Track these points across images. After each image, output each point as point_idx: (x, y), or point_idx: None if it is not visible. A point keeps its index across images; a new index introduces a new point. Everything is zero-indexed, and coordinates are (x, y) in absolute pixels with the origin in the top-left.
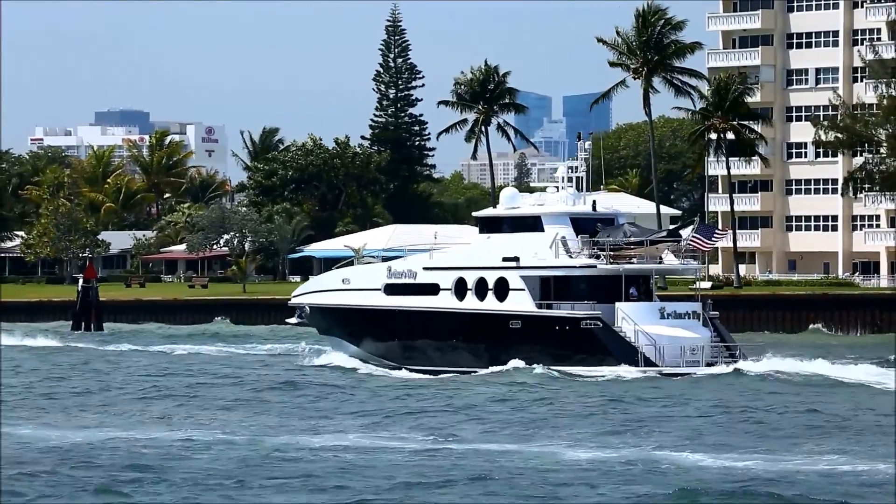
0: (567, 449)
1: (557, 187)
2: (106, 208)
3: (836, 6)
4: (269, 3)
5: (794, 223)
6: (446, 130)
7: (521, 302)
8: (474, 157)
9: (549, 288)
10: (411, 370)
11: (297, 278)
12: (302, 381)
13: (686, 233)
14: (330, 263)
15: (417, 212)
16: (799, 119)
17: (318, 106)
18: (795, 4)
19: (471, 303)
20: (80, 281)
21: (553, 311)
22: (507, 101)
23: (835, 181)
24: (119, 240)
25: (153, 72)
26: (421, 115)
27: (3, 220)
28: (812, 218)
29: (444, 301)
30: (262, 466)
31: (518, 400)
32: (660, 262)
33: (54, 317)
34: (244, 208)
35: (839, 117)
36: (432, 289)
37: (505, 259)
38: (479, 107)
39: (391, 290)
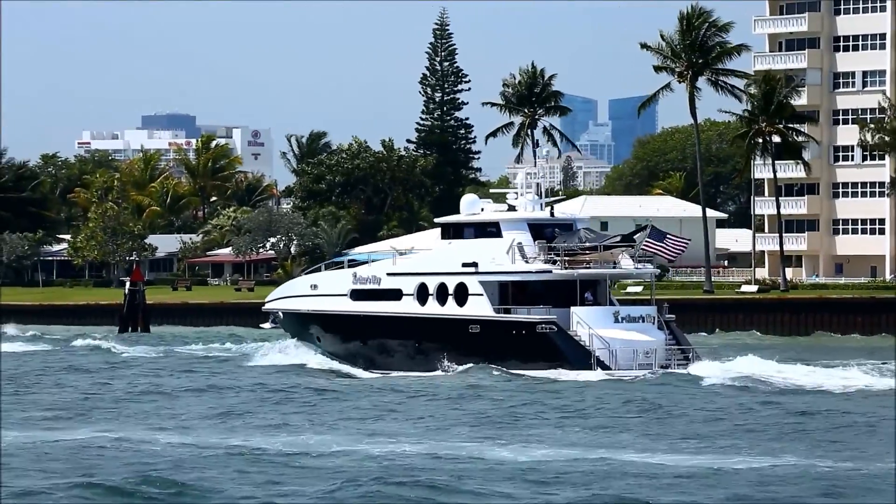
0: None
1: (517, 193)
2: (152, 212)
3: (883, 9)
4: (316, 6)
5: (840, 226)
6: (493, 134)
7: (479, 307)
8: (518, 160)
9: (507, 293)
10: (375, 373)
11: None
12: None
13: (640, 237)
14: None
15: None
16: (846, 122)
17: (365, 109)
18: (842, 7)
19: (432, 307)
20: (127, 284)
21: (509, 316)
22: (553, 104)
23: (882, 184)
24: (165, 243)
25: (200, 76)
26: (467, 119)
27: (50, 223)
28: (859, 221)
29: (407, 306)
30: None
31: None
32: (614, 267)
33: (101, 320)
34: (291, 211)
35: (886, 120)
36: (395, 294)
37: (464, 264)
38: (526, 110)
39: (357, 295)
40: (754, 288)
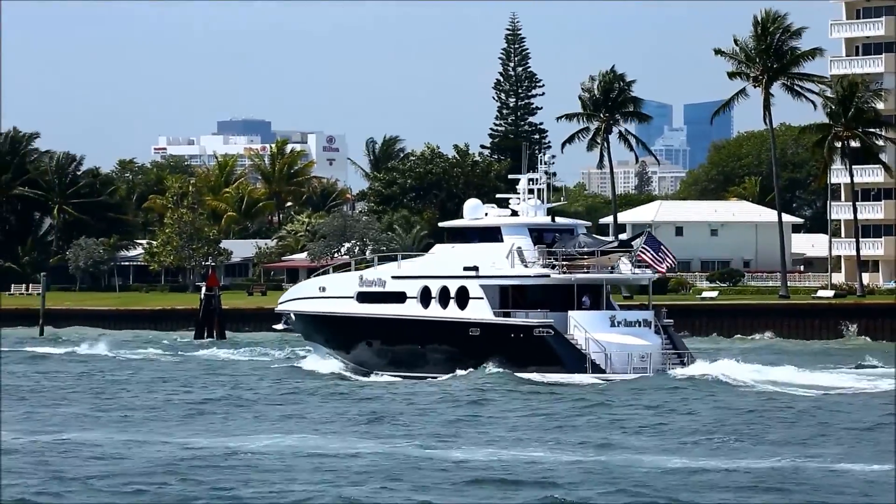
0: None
1: (520, 199)
2: (228, 217)
3: None
4: (391, 11)
5: None
6: (569, 140)
7: (480, 310)
8: (600, 165)
9: (508, 296)
10: (380, 375)
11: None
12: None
13: (637, 244)
14: None
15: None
16: None
17: (438, 115)
18: None
19: (434, 310)
20: (203, 289)
21: (508, 319)
22: (629, 109)
23: None
24: (241, 248)
25: (275, 81)
26: (541, 124)
27: (127, 228)
28: None
29: (411, 309)
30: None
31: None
32: (611, 272)
33: (177, 325)
34: (365, 216)
35: None
36: (400, 297)
37: (466, 268)
38: (601, 115)
39: (363, 297)
40: (830, 293)
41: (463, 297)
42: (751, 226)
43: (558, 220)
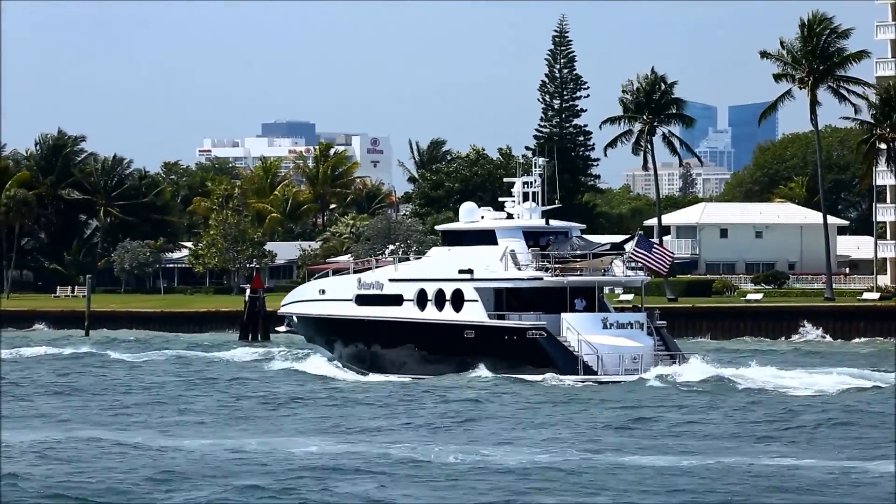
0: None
1: (515, 202)
2: (272, 219)
3: None
4: (435, 13)
5: None
6: (612, 144)
7: (474, 312)
8: (645, 167)
9: (502, 299)
10: (377, 376)
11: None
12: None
13: (629, 246)
14: None
15: (581, 222)
16: None
17: (483, 117)
18: None
19: (430, 313)
20: (248, 291)
21: (501, 322)
22: (672, 111)
23: None
24: (285, 250)
25: (319, 83)
26: (586, 126)
27: (172, 230)
28: None
29: (407, 311)
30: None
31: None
32: (604, 275)
33: (222, 327)
34: (410, 219)
35: None
36: (397, 299)
37: (461, 271)
38: (645, 117)
39: (361, 300)
40: (876, 295)
41: (458, 300)
42: (796, 228)
43: (553, 222)
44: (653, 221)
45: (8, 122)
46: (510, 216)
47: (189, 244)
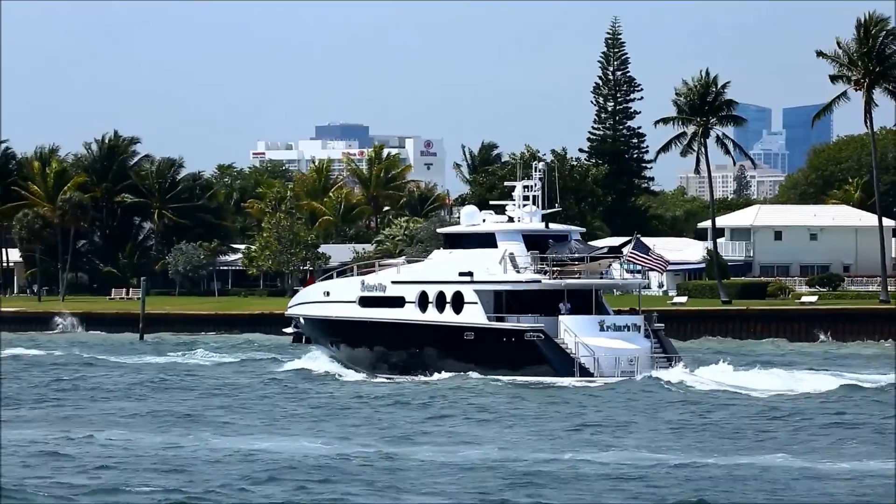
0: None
1: (516, 205)
2: (325, 221)
3: None
4: (487, 14)
5: None
6: (665, 148)
7: (474, 314)
8: (697, 170)
9: (501, 301)
10: (380, 377)
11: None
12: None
13: (627, 249)
14: None
15: (635, 225)
16: None
17: (536, 119)
18: None
19: (431, 315)
20: None
21: (500, 324)
22: (726, 113)
23: None
24: (339, 253)
25: (373, 86)
26: (639, 128)
27: (225, 233)
28: None
29: (409, 313)
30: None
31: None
32: (601, 277)
33: (276, 329)
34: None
35: None
36: (399, 301)
37: (461, 274)
38: (698, 119)
39: (364, 302)
40: None
41: (458, 302)
42: (851, 230)
43: (552, 226)
44: (707, 224)
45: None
46: (511, 220)
47: (243, 247)
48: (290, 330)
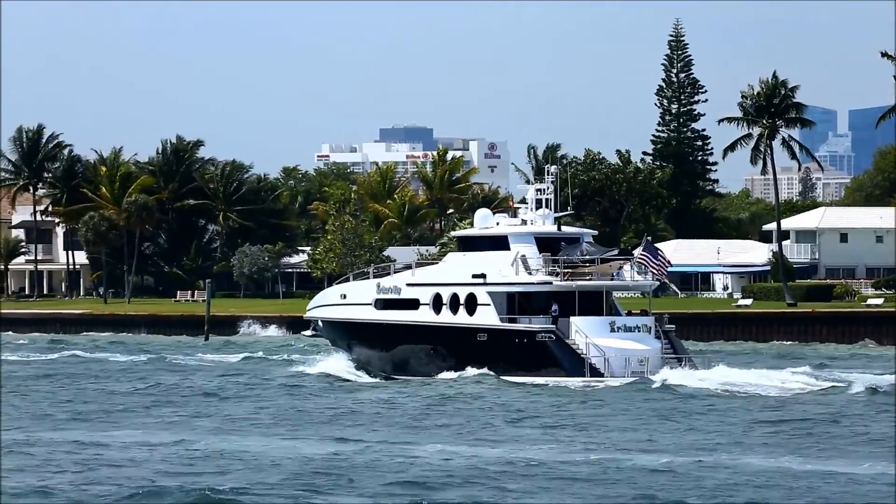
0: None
1: (529, 208)
2: (389, 224)
3: None
4: (550, 16)
5: None
6: (731, 148)
7: (487, 316)
8: (763, 172)
9: (514, 303)
10: (396, 378)
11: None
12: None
13: (637, 251)
14: None
15: (700, 227)
16: None
17: (599, 121)
18: None
19: (445, 317)
20: None
21: (512, 325)
22: (792, 115)
23: None
24: (403, 255)
25: (437, 88)
26: (703, 130)
27: (290, 235)
28: None
29: (423, 315)
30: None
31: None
32: (612, 279)
33: None
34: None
35: None
36: (413, 303)
37: (474, 276)
38: (764, 121)
39: (380, 304)
40: None
41: (472, 304)
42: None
43: (564, 228)
44: (772, 226)
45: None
46: (524, 222)
47: (307, 249)
48: (308, 333)
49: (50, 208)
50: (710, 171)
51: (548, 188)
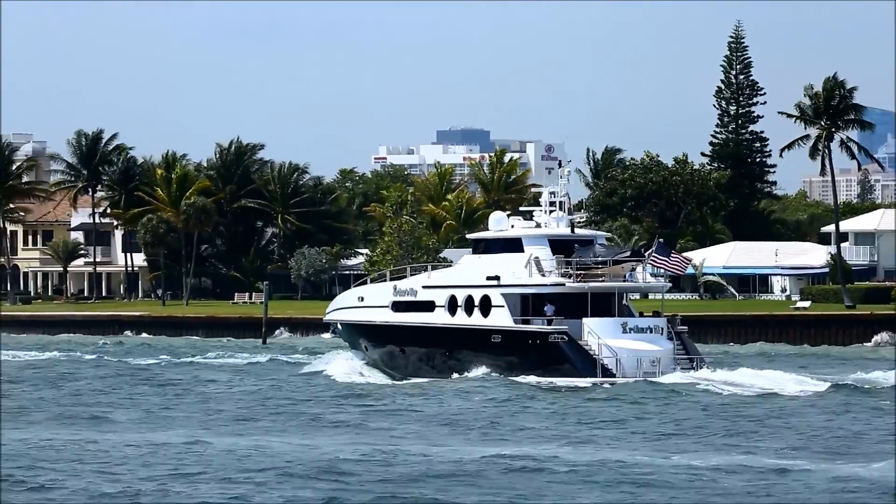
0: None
1: (543, 211)
2: (447, 226)
3: None
4: (606, 18)
5: None
6: (789, 146)
7: (501, 317)
8: (822, 173)
9: (528, 304)
10: (413, 379)
11: (636, 295)
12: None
13: (648, 252)
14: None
15: (758, 229)
16: None
17: (657, 123)
18: None
19: (460, 318)
20: None
21: (525, 326)
22: (851, 117)
23: None
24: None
25: (494, 90)
26: (762, 132)
27: (348, 237)
28: None
29: (439, 317)
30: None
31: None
32: (624, 281)
33: None
34: (584, 226)
35: None
36: (429, 305)
37: (488, 278)
38: (823, 122)
39: (396, 306)
40: None
41: (486, 306)
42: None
43: (578, 231)
44: (830, 228)
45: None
46: (538, 225)
47: (365, 251)
48: (328, 335)
49: (108, 211)
50: (768, 172)
51: (562, 191)
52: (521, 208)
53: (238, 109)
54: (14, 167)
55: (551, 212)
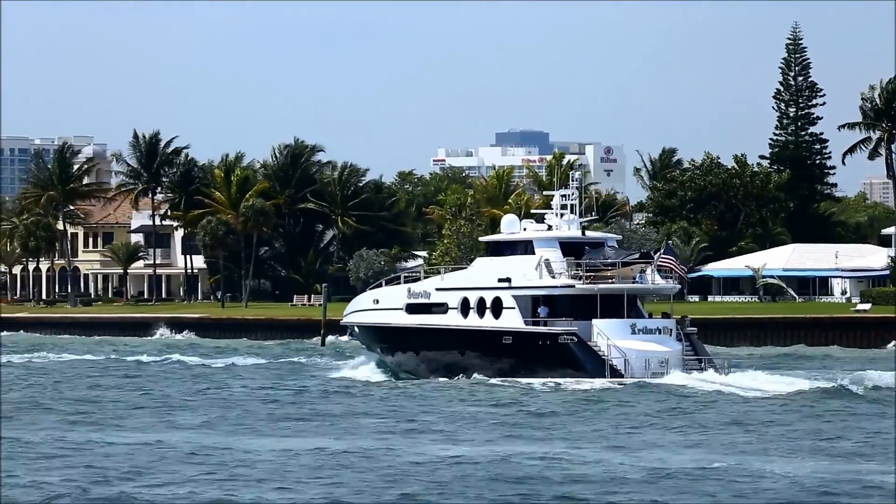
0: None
1: (555, 213)
2: None
3: None
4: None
5: None
6: (850, 151)
7: (512, 319)
8: (889, 174)
9: (538, 306)
10: (428, 380)
11: (696, 298)
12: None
13: (657, 254)
14: (729, 284)
15: (818, 231)
16: None
17: (716, 125)
18: None
19: (472, 320)
20: None
21: (536, 328)
22: None
23: None
24: None
25: (553, 92)
26: (821, 134)
27: (406, 239)
28: None
29: (452, 319)
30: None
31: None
32: (633, 282)
33: None
34: (643, 228)
35: None
36: (442, 308)
37: (500, 280)
38: (883, 125)
39: (411, 309)
40: None
41: (497, 307)
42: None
43: (588, 233)
44: (891, 230)
45: (246, 132)
46: (549, 227)
47: (423, 253)
48: (345, 338)
49: (168, 213)
50: (827, 174)
51: (573, 194)
52: (532, 210)
53: (296, 110)
54: (74, 169)
55: (562, 215)
